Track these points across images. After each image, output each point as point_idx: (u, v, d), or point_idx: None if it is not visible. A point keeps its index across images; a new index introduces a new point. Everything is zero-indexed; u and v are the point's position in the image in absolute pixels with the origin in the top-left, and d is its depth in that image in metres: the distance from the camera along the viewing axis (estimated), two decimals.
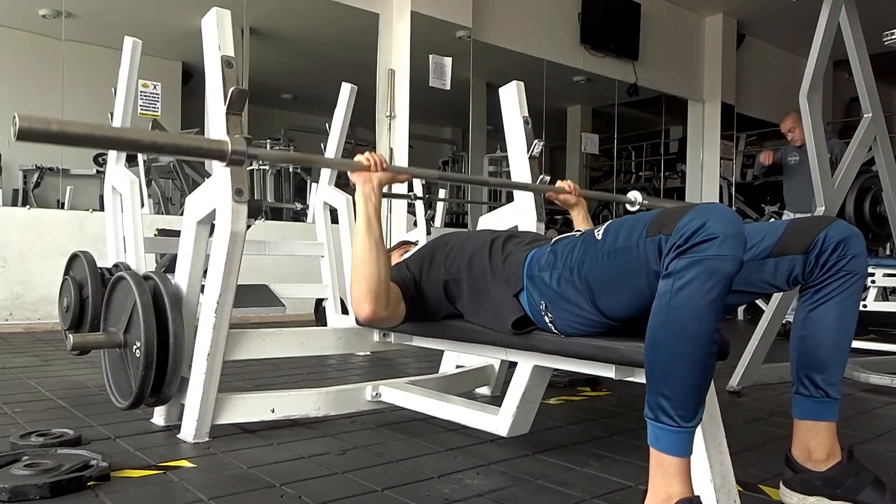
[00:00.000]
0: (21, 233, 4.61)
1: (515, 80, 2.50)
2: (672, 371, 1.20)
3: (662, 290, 1.20)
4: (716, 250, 1.15)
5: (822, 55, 2.75)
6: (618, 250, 1.34)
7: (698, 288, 1.16)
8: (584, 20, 7.33)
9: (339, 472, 1.65)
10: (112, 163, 2.80)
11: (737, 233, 1.16)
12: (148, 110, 5.19)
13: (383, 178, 1.85)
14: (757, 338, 2.75)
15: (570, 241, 1.50)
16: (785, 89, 5.91)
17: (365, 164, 1.83)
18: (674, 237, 1.19)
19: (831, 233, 1.42)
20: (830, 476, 1.43)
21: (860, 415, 2.45)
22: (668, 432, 1.21)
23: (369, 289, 1.70)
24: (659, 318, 1.21)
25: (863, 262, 1.43)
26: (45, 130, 1.34)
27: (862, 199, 4.22)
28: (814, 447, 1.46)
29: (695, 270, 1.16)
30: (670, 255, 1.19)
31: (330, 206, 3.65)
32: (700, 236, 1.15)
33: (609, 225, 1.40)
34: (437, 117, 8.81)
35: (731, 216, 1.18)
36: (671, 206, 1.32)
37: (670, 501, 1.21)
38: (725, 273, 1.15)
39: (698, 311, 1.16)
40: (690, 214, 1.18)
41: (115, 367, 2.09)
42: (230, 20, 1.92)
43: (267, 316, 5.01)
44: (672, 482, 1.22)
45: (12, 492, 1.40)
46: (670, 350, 1.19)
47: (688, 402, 1.20)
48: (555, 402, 2.48)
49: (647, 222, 1.28)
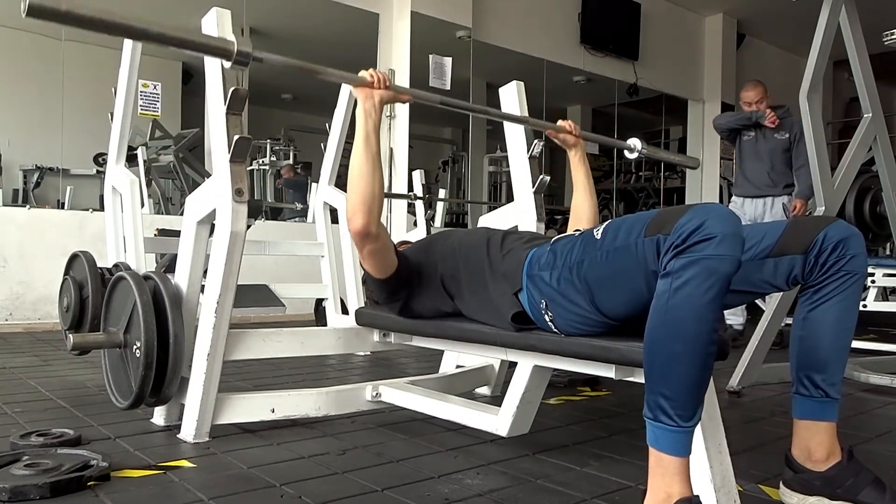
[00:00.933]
0: (21, 233, 4.61)
1: (515, 80, 2.50)
2: (671, 370, 1.20)
3: (661, 290, 1.20)
4: (713, 250, 1.15)
5: (822, 55, 2.75)
6: (617, 249, 1.34)
7: (696, 287, 1.16)
8: (584, 20, 7.33)
9: (339, 472, 1.65)
10: (112, 162, 2.80)
11: (734, 232, 1.16)
12: (148, 110, 5.19)
13: (385, 96, 1.86)
14: (757, 338, 2.75)
15: (569, 241, 1.50)
16: (785, 89, 5.92)
17: (368, 79, 1.85)
18: (672, 237, 1.19)
19: (831, 232, 1.42)
20: (830, 476, 1.43)
21: (860, 415, 2.45)
22: (668, 432, 1.21)
23: (363, 201, 1.72)
24: (657, 318, 1.21)
25: (862, 262, 1.43)
26: (54, 8, 1.32)
27: (862, 199, 4.22)
28: (814, 447, 1.46)
29: (693, 270, 1.16)
30: (668, 255, 1.20)
31: (330, 206, 3.66)
32: (698, 236, 1.16)
33: (608, 224, 1.41)
34: (437, 117, 8.82)
35: (730, 216, 1.18)
36: (671, 207, 1.32)
37: (670, 501, 1.21)
38: (723, 273, 1.16)
39: (697, 311, 1.17)
40: (689, 214, 1.19)
41: (115, 367, 2.09)
42: (230, 20, 1.92)
43: (267, 316, 5.01)
44: (671, 482, 1.22)
45: (12, 492, 1.41)
46: (669, 350, 1.19)
47: (687, 401, 1.20)
48: (555, 402, 2.48)
49: (647, 221, 1.28)
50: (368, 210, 1.72)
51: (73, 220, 4.80)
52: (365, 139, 1.78)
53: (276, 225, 5.98)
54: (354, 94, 1.87)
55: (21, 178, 5.96)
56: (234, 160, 1.83)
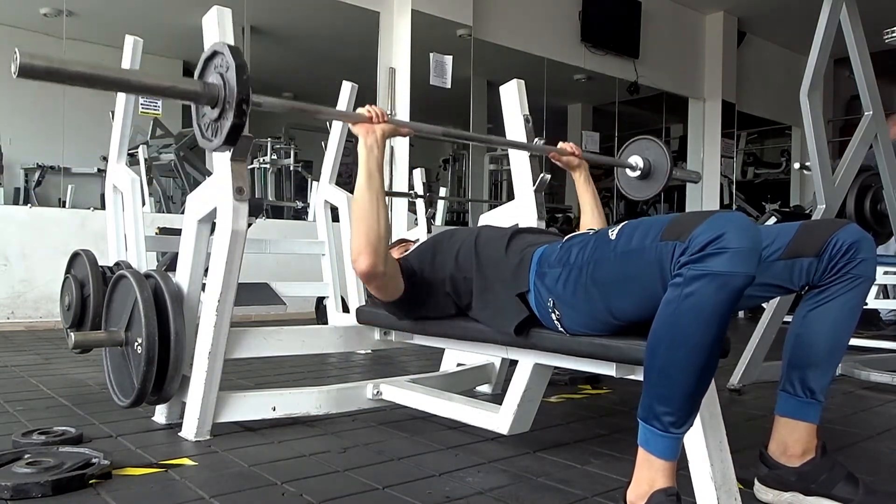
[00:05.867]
0: (22, 231, 4.61)
1: (516, 79, 2.50)
2: (670, 377, 1.20)
3: (669, 297, 1.19)
4: (727, 264, 1.13)
5: (823, 53, 2.75)
6: (631, 252, 1.32)
7: (706, 299, 1.14)
8: (585, 18, 7.33)
9: (340, 470, 1.65)
10: (113, 161, 2.81)
11: (751, 248, 1.14)
12: (149, 109, 5.20)
13: (386, 130, 1.81)
14: (757, 336, 2.75)
15: (583, 239, 1.48)
16: (785, 87, 5.90)
17: (367, 115, 1.81)
18: (687, 245, 1.17)
19: (843, 236, 1.41)
20: (805, 471, 1.45)
21: (860, 412, 2.45)
22: (658, 436, 1.24)
23: (368, 242, 1.67)
24: (663, 325, 1.20)
25: (871, 267, 1.42)
26: (45, 67, 1.32)
27: (862, 197, 4.21)
28: (791, 443, 1.47)
29: (703, 281, 1.14)
30: (681, 263, 1.18)
31: (331, 205, 3.66)
32: (713, 248, 1.14)
33: (624, 226, 1.38)
34: (437, 115, 8.80)
35: (748, 228, 1.16)
36: (690, 212, 1.30)
37: (650, 491, 1.24)
38: (734, 287, 1.14)
39: (703, 323, 1.16)
40: (707, 223, 1.16)
41: (116, 366, 2.09)
42: (231, 18, 1.92)
43: (268, 314, 5.02)
44: (656, 476, 1.25)
45: (14, 490, 1.41)
46: (671, 357, 1.19)
47: (681, 409, 1.21)
48: (555, 399, 2.48)
49: (664, 226, 1.26)
50: (374, 251, 1.67)
51: (75, 219, 4.81)
52: (368, 177, 1.74)
53: (277, 223, 5.98)
54: (354, 131, 1.83)
55: (22, 176, 5.97)
56: (235, 159, 1.83)
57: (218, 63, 1.60)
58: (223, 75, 1.57)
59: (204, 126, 1.68)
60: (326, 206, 3.69)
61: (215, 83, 1.58)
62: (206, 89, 1.58)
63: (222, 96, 1.57)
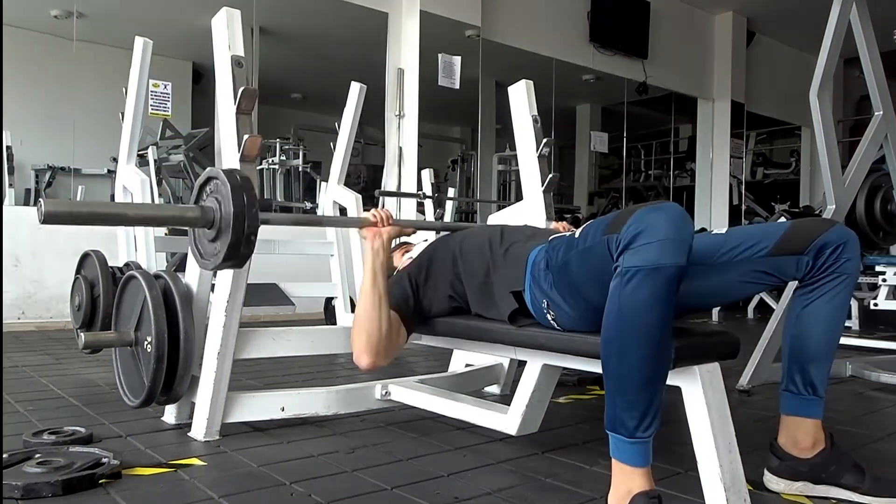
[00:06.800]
0: (33, 232, 4.63)
1: (524, 79, 2.50)
2: (623, 367, 1.25)
3: (612, 289, 1.25)
4: (654, 256, 1.18)
5: (833, 53, 2.73)
6: (587, 249, 1.39)
7: (642, 288, 1.20)
8: (593, 18, 7.31)
9: (349, 471, 1.66)
10: (123, 162, 2.82)
11: (676, 239, 1.19)
12: (158, 110, 5.21)
13: (392, 232, 1.93)
14: (767, 337, 2.74)
15: (561, 241, 1.53)
16: (795, 87, 5.87)
17: (372, 220, 1.91)
18: (621, 236, 1.23)
19: (831, 236, 1.46)
20: (816, 462, 1.51)
21: (871, 414, 2.44)
22: (626, 444, 1.27)
23: (369, 343, 1.74)
24: (609, 316, 1.25)
25: (856, 266, 1.50)
26: (67, 211, 1.50)
27: (872, 198, 4.19)
28: (800, 437, 1.53)
29: (636, 271, 1.20)
30: (617, 254, 1.24)
31: (339, 206, 3.66)
32: (642, 239, 1.20)
33: (587, 226, 1.44)
34: (446, 116, 8.82)
35: (676, 219, 1.20)
36: (631, 206, 1.36)
37: (630, 495, 1.26)
38: (665, 276, 1.19)
39: (644, 309, 1.21)
40: (635, 216, 1.22)
41: (126, 366, 2.10)
42: (240, 20, 1.93)
43: (277, 315, 5.03)
44: (632, 482, 1.27)
45: (25, 489, 1.42)
46: (620, 346, 1.24)
47: (639, 402, 1.24)
48: (564, 400, 2.48)
49: (608, 220, 1.32)
50: (375, 351, 1.75)
51: None
52: (373, 279, 1.79)
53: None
54: (361, 235, 1.94)
55: (33, 177, 6.00)
56: (244, 159, 1.84)
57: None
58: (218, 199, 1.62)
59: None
60: (335, 206, 3.69)
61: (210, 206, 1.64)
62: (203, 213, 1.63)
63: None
